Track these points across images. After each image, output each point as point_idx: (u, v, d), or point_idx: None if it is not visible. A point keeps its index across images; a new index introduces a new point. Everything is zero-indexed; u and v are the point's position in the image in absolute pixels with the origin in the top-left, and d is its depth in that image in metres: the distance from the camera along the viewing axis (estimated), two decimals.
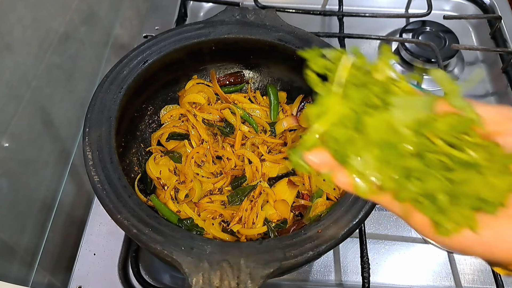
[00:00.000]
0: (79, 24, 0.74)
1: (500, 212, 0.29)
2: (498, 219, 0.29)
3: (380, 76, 0.29)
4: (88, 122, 0.53)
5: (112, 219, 0.47)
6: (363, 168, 0.28)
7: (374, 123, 0.28)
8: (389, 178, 0.28)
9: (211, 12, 0.93)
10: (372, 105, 0.28)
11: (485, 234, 0.29)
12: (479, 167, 0.27)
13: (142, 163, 0.63)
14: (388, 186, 0.28)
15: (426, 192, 0.28)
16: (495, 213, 0.28)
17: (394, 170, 0.28)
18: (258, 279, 0.43)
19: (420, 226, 0.31)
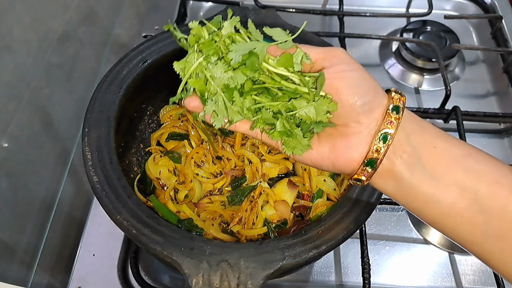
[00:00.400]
0: (79, 24, 0.74)
1: (334, 131, 0.38)
2: (332, 137, 0.38)
3: (225, 32, 0.38)
4: (88, 122, 0.53)
5: (111, 219, 0.47)
6: (214, 108, 0.37)
7: (217, 71, 0.36)
8: (235, 113, 0.37)
9: (211, 12, 0.93)
10: (219, 57, 0.36)
11: (323, 150, 0.39)
12: (306, 95, 0.36)
13: (142, 164, 0.63)
14: (235, 120, 0.37)
15: (267, 121, 0.37)
16: (322, 131, 0.38)
17: (238, 107, 0.37)
18: (258, 279, 0.43)
19: (277, 146, 0.40)
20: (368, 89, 0.36)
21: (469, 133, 0.78)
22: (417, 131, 0.37)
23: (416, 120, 0.38)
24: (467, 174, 0.35)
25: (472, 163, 0.35)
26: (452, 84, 0.85)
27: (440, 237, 0.67)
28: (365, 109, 0.36)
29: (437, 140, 0.37)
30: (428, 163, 0.36)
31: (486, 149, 0.34)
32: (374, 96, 0.37)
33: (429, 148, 0.36)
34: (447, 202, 0.35)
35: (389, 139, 0.36)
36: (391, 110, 0.36)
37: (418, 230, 0.68)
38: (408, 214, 0.70)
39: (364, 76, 0.37)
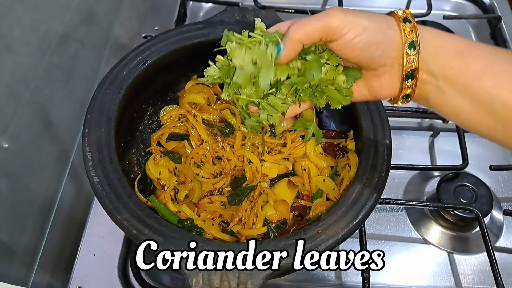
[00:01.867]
0: (79, 25, 0.74)
1: (367, 74, 0.44)
2: (367, 80, 0.45)
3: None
4: (88, 122, 0.53)
5: (111, 219, 0.47)
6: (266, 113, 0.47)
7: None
8: (281, 106, 0.47)
9: (211, 13, 0.93)
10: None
11: (363, 92, 0.46)
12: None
13: (142, 164, 0.63)
14: (284, 110, 0.47)
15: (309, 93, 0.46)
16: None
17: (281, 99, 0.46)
18: (258, 279, 0.43)
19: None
20: (377, 43, 0.40)
21: (468, 133, 0.78)
22: (433, 55, 0.40)
23: (431, 43, 0.40)
24: (481, 90, 0.38)
25: (487, 79, 0.38)
26: None
27: (439, 237, 0.68)
28: (383, 56, 0.41)
29: (453, 60, 0.39)
30: (446, 85, 0.40)
31: (486, 149, 0.35)
32: (386, 43, 0.40)
33: (446, 70, 0.40)
34: (467, 114, 0.40)
35: (415, 74, 0.41)
36: (408, 48, 0.40)
37: (418, 230, 0.69)
38: (408, 214, 0.70)
39: (367, 33, 0.40)
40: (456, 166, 0.70)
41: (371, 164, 0.53)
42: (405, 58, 0.40)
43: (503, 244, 0.68)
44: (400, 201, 0.68)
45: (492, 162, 0.73)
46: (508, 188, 0.73)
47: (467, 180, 0.69)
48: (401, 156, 0.76)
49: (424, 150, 0.79)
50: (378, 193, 0.51)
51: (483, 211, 0.65)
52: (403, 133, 0.81)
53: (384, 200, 0.66)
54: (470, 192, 0.68)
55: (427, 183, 0.73)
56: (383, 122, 0.57)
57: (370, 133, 0.56)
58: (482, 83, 0.38)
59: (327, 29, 0.41)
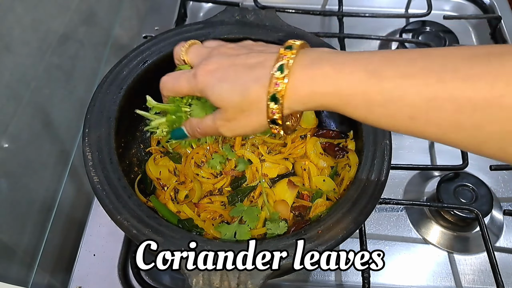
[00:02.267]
0: (79, 25, 0.74)
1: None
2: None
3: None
4: (88, 122, 0.53)
5: (112, 220, 0.47)
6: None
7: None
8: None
9: (211, 13, 0.93)
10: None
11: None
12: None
13: (142, 164, 0.63)
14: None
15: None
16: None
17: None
18: (258, 279, 0.43)
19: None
20: (235, 88, 0.39)
21: None
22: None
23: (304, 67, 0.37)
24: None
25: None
26: None
27: (439, 237, 0.68)
28: (246, 100, 0.39)
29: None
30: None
31: None
32: (247, 89, 0.39)
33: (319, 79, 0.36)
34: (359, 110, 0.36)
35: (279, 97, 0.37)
36: (276, 70, 0.37)
37: (418, 230, 0.69)
38: (408, 214, 0.70)
39: (224, 84, 0.40)
40: (456, 166, 0.70)
41: (371, 164, 0.53)
42: (271, 83, 0.37)
43: (503, 244, 0.68)
44: (400, 201, 0.68)
45: (492, 162, 0.73)
46: (508, 188, 0.74)
47: (467, 180, 0.69)
48: (401, 156, 0.76)
49: (424, 150, 0.79)
50: (378, 193, 0.51)
51: (483, 211, 0.65)
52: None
53: (384, 200, 0.66)
54: (470, 192, 0.68)
55: (427, 183, 0.73)
56: None
57: (370, 133, 0.56)
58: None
59: (191, 93, 0.44)
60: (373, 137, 0.56)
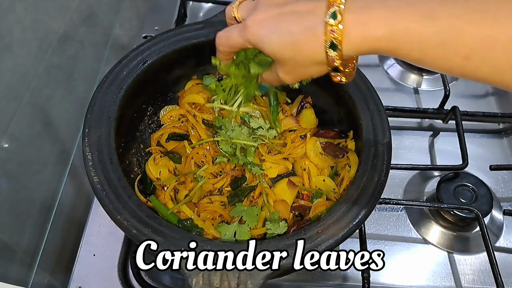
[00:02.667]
0: (79, 25, 0.74)
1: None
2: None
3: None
4: (88, 122, 0.53)
5: (111, 219, 0.47)
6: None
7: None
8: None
9: (211, 13, 0.93)
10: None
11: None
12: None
13: (142, 164, 0.63)
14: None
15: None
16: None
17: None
18: (258, 279, 0.43)
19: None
20: (285, 40, 0.39)
21: (468, 133, 0.78)
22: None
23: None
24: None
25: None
26: (451, 84, 0.85)
27: (439, 237, 0.68)
28: (299, 53, 0.39)
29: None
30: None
31: (485, 149, 0.34)
32: (303, 47, 0.39)
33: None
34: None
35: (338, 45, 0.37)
36: (329, 17, 0.37)
37: (418, 230, 0.69)
38: (408, 214, 0.70)
39: (282, 49, 0.40)
40: (456, 166, 0.70)
41: (371, 164, 0.53)
42: (327, 31, 0.37)
43: (503, 244, 0.68)
44: (400, 201, 0.68)
45: (492, 162, 0.73)
46: (508, 188, 0.74)
47: (467, 180, 0.69)
48: (401, 156, 0.76)
49: (424, 150, 0.79)
50: (378, 193, 0.51)
51: (483, 211, 0.65)
52: (403, 133, 0.81)
53: (384, 200, 0.66)
54: (470, 192, 0.68)
55: (427, 183, 0.73)
56: (383, 122, 0.57)
57: (370, 133, 0.56)
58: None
59: (245, 46, 0.44)
60: (373, 137, 0.56)
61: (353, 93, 0.59)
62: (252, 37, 0.42)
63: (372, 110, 0.58)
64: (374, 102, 0.59)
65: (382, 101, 0.59)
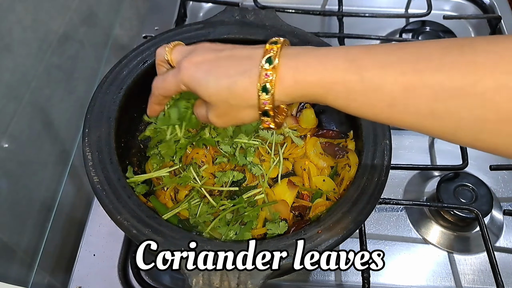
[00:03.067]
0: (79, 25, 0.74)
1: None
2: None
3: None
4: (88, 122, 0.53)
5: (111, 219, 0.47)
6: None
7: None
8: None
9: (211, 13, 0.93)
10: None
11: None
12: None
13: (142, 164, 0.63)
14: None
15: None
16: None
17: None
18: (258, 279, 0.43)
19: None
20: (222, 82, 0.39)
21: None
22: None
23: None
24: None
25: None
26: None
27: (439, 237, 0.68)
28: (234, 94, 0.39)
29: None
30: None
31: None
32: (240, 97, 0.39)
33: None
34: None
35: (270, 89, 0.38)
36: (265, 62, 0.37)
37: (418, 230, 0.69)
38: (408, 214, 0.70)
39: (216, 96, 0.40)
40: (456, 166, 0.70)
41: (371, 164, 0.54)
42: (261, 74, 0.38)
43: (503, 244, 0.68)
44: (400, 201, 0.68)
45: (492, 162, 0.73)
46: (508, 188, 0.74)
47: (467, 180, 0.69)
48: (401, 156, 0.76)
49: (424, 150, 0.79)
50: (378, 193, 0.51)
51: (483, 211, 0.65)
52: (403, 133, 0.81)
53: (384, 200, 0.66)
54: (470, 192, 0.68)
55: (427, 183, 0.73)
56: None
57: (370, 133, 0.56)
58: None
59: (179, 89, 0.44)
60: (373, 137, 0.56)
61: None
62: (187, 78, 0.41)
63: None
64: None
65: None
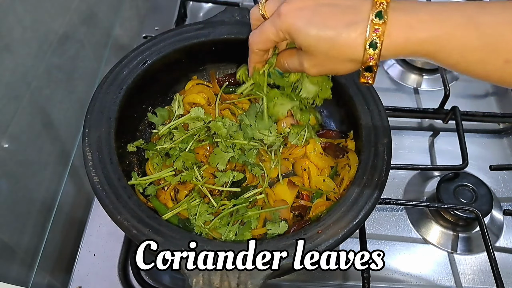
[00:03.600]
0: (79, 25, 0.74)
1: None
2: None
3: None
4: (88, 122, 0.53)
5: (112, 219, 0.47)
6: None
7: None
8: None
9: (211, 13, 0.93)
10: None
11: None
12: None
13: (142, 164, 0.63)
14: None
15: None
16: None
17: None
18: (258, 279, 0.43)
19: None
20: (324, 34, 0.38)
21: (468, 133, 0.78)
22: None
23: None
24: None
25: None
26: (451, 84, 0.85)
27: (439, 237, 0.68)
28: (336, 47, 0.38)
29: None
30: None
31: (485, 149, 0.34)
32: (341, 45, 0.38)
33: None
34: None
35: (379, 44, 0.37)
36: (375, 16, 0.37)
37: (418, 230, 0.69)
38: (408, 214, 0.70)
39: (318, 45, 0.39)
40: (456, 166, 0.70)
41: (371, 164, 0.53)
42: (371, 29, 0.37)
43: (503, 244, 0.68)
44: (400, 201, 0.68)
45: (492, 162, 0.73)
46: (508, 188, 0.74)
47: (467, 180, 0.69)
48: (401, 156, 0.76)
49: (424, 150, 0.79)
50: (378, 193, 0.51)
51: (483, 211, 0.65)
52: (403, 133, 0.81)
53: (384, 200, 0.66)
54: (470, 192, 0.68)
55: (427, 183, 0.73)
56: (383, 122, 0.57)
57: (370, 133, 0.56)
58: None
59: (278, 37, 0.42)
60: (373, 137, 0.56)
61: (353, 93, 0.59)
62: (286, 25, 0.40)
63: (372, 110, 0.58)
64: (374, 102, 0.59)
65: (382, 101, 0.59)
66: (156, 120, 0.64)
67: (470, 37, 0.35)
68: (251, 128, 0.61)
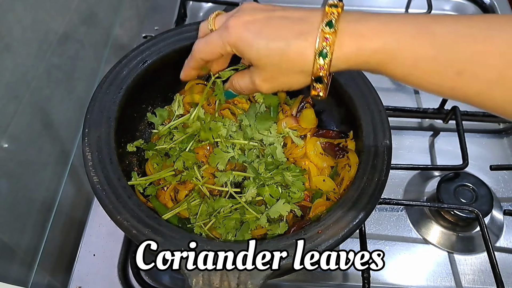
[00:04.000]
0: (79, 25, 0.74)
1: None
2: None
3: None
4: (88, 122, 0.53)
5: (111, 220, 0.47)
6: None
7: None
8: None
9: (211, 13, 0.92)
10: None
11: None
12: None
13: (142, 164, 0.63)
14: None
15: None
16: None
17: None
18: (258, 279, 0.43)
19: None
20: (274, 45, 0.38)
21: (468, 133, 0.78)
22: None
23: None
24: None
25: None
26: None
27: (439, 237, 0.68)
28: (286, 58, 0.38)
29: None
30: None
31: (486, 149, 0.34)
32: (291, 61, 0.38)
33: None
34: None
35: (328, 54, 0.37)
36: (325, 25, 0.36)
37: (418, 230, 0.69)
38: (408, 214, 0.70)
39: (266, 58, 0.39)
40: (456, 166, 0.70)
41: (371, 164, 0.53)
42: (321, 38, 0.36)
43: (503, 244, 0.68)
44: (400, 201, 0.68)
45: (492, 162, 0.73)
46: (508, 188, 0.73)
47: (467, 180, 0.69)
48: (401, 156, 0.76)
49: (424, 150, 0.79)
50: (378, 193, 0.51)
51: (483, 211, 0.65)
52: (403, 133, 0.81)
53: (384, 200, 0.66)
54: (470, 192, 0.68)
55: (427, 183, 0.73)
56: (383, 122, 0.57)
57: (370, 133, 0.56)
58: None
59: (224, 50, 0.41)
60: (373, 137, 0.56)
61: (353, 93, 0.59)
62: (234, 38, 0.39)
63: (372, 110, 0.58)
64: (374, 102, 0.59)
65: (382, 101, 0.59)
66: (155, 120, 0.64)
67: (424, 47, 0.34)
68: (251, 128, 0.61)
